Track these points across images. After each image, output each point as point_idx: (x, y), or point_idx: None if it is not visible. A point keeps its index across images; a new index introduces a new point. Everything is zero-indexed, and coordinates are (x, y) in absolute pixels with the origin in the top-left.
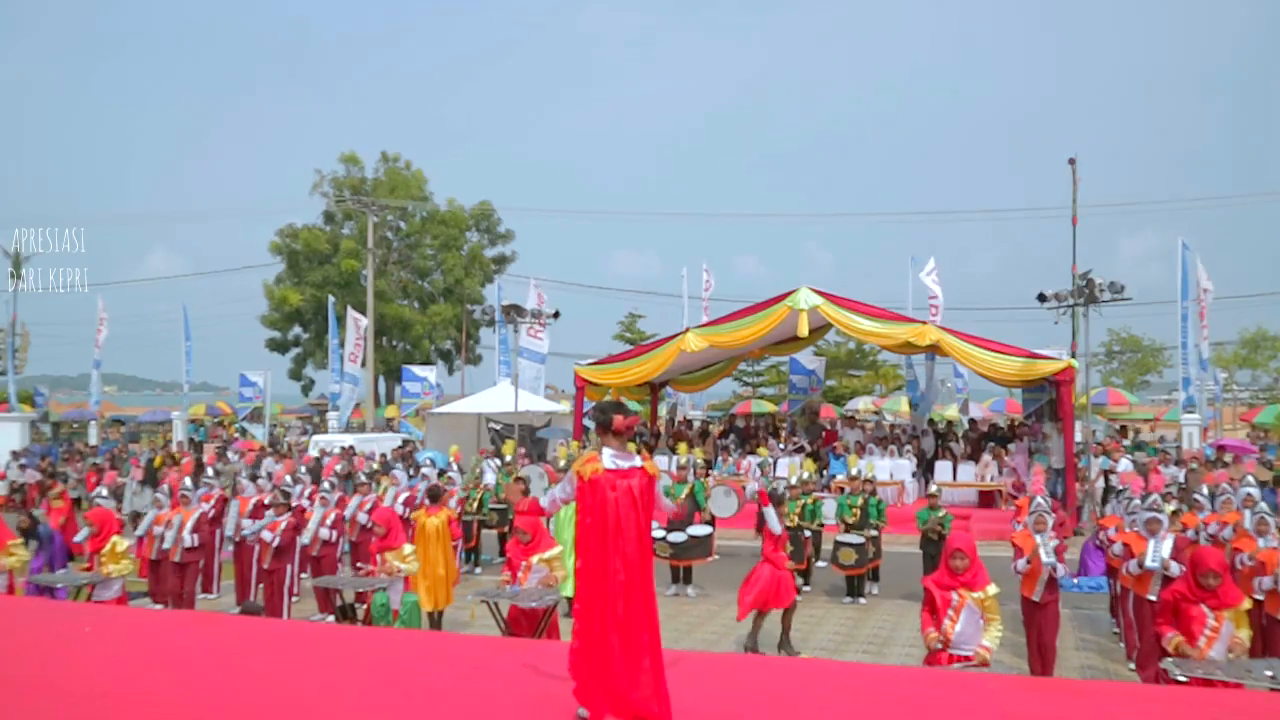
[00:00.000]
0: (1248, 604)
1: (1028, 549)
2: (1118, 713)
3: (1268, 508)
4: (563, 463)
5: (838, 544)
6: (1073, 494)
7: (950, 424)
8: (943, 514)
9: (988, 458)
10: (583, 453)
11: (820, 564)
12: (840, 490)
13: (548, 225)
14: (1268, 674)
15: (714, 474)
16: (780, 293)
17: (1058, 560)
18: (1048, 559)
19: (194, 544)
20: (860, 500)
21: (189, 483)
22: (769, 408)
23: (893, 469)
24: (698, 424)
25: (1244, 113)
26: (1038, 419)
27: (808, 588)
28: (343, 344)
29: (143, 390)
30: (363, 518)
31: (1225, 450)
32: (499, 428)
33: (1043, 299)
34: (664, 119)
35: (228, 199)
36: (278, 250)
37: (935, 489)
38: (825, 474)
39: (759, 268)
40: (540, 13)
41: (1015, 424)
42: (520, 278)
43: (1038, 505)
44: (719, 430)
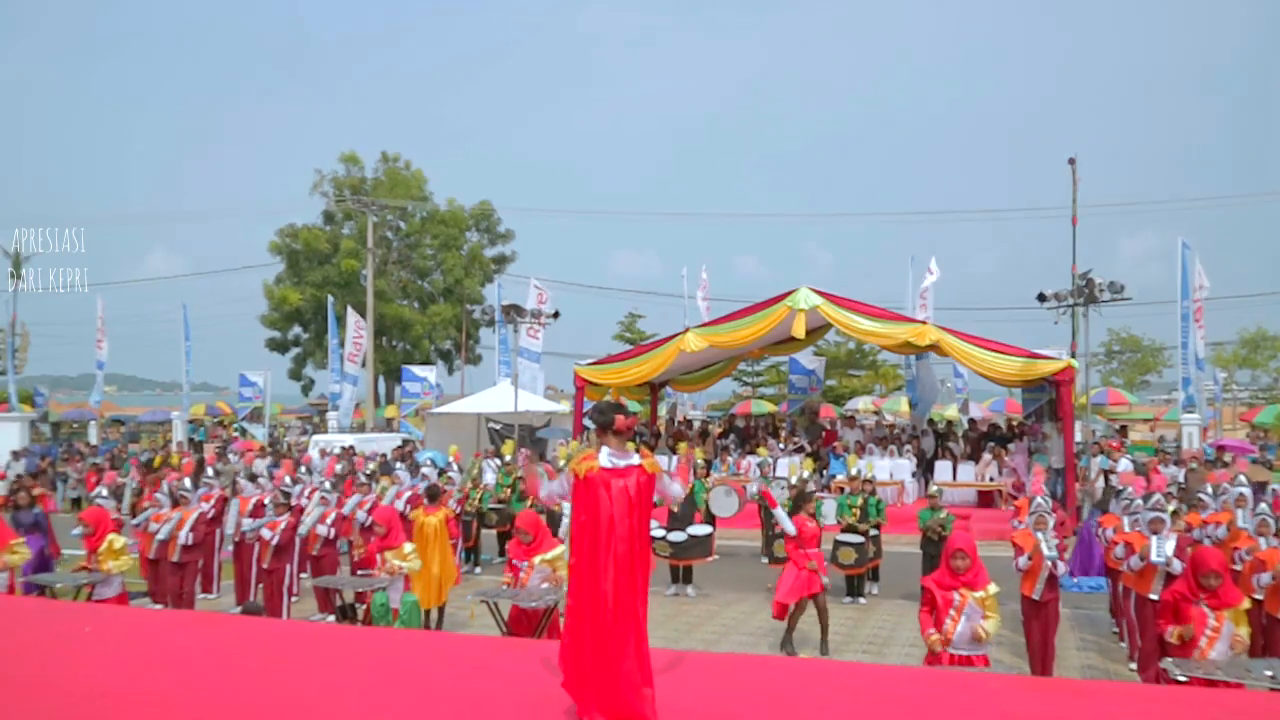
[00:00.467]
0: (1247, 603)
1: (1028, 547)
2: (1118, 712)
3: (1267, 508)
4: (562, 462)
5: (837, 543)
6: (1073, 494)
7: (950, 424)
8: (944, 515)
9: (987, 458)
10: (581, 451)
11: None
12: (840, 490)
13: (548, 225)
14: (1268, 674)
15: (714, 474)
16: (780, 293)
17: (1059, 557)
18: (1050, 553)
19: (191, 543)
20: (860, 500)
21: (188, 483)
22: (769, 408)
23: (892, 469)
24: (697, 424)
25: (1245, 112)
26: (1037, 419)
27: None
28: (342, 344)
29: (142, 390)
30: (362, 516)
31: (1225, 450)
32: (499, 428)
33: (1042, 299)
34: (665, 119)
35: (228, 199)
36: (277, 250)
37: (936, 489)
38: (825, 474)
39: (759, 268)
40: (540, 13)
41: (1015, 424)
42: (520, 278)
43: (1038, 505)
44: (719, 430)
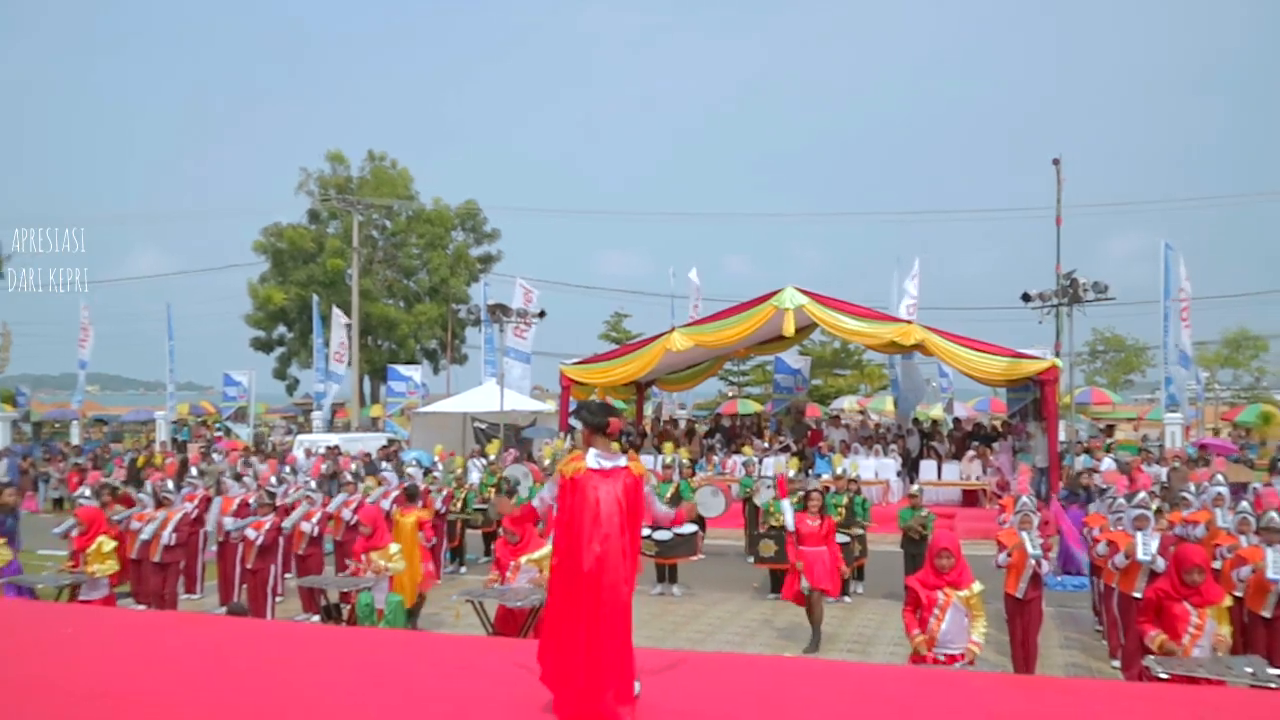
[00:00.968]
0: (1229, 601)
1: (1011, 545)
2: (1102, 711)
3: (1248, 507)
4: (548, 461)
5: None
6: (1057, 493)
7: (935, 423)
8: (925, 514)
9: (972, 455)
10: (569, 452)
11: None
12: (826, 489)
13: (536, 225)
14: (1248, 671)
15: (699, 474)
16: (766, 292)
17: (1043, 556)
18: (1034, 551)
19: (174, 543)
20: (845, 499)
21: (170, 484)
22: (755, 407)
23: (878, 468)
24: (683, 423)
25: (1239, 112)
26: (1022, 418)
27: None
28: (327, 343)
29: (126, 390)
30: (348, 514)
31: (1207, 449)
32: (484, 427)
33: (1027, 299)
34: (660, 119)
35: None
36: (262, 249)
37: (917, 489)
38: (810, 473)
39: (749, 267)
40: (539, 13)
41: (1000, 423)
42: (507, 277)
43: (1023, 504)
44: (705, 430)
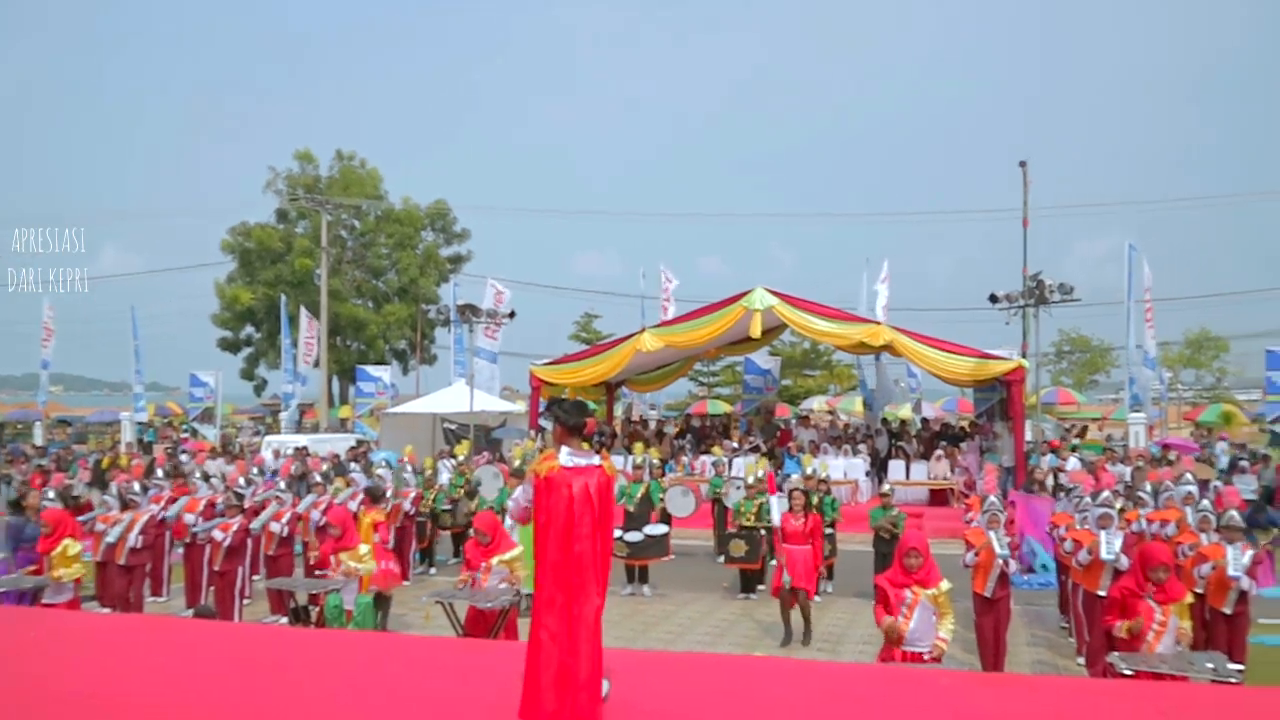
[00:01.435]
0: (1191, 598)
1: (979, 544)
2: (1068, 707)
3: (1209, 505)
4: (517, 462)
5: None
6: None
7: (903, 423)
8: (896, 513)
9: (940, 456)
10: (539, 452)
11: (774, 562)
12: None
13: (508, 225)
14: (1209, 666)
15: (669, 474)
16: (736, 293)
17: (1011, 555)
18: (1002, 551)
19: (140, 545)
20: (815, 499)
21: (137, 486)
22: (725, 407)
23: (847, 468)
24: (653, 424)
25: (1205, 117)
26: (989, 418)
27: (762, 586)
28: (295, 344)
29: (91, 390)
30: (316, 515)
31: (1170, 449)
32: (454, 428)
33: (994, 300)
34: (640, 122)
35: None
36: (230, 249)
37: (888, 488)
38: (780, 473)
39: (722, 268)
40: (520, 14)
41: (967, 423)
42: (477, 277)
43: (990, 504)
44: (675, 430)
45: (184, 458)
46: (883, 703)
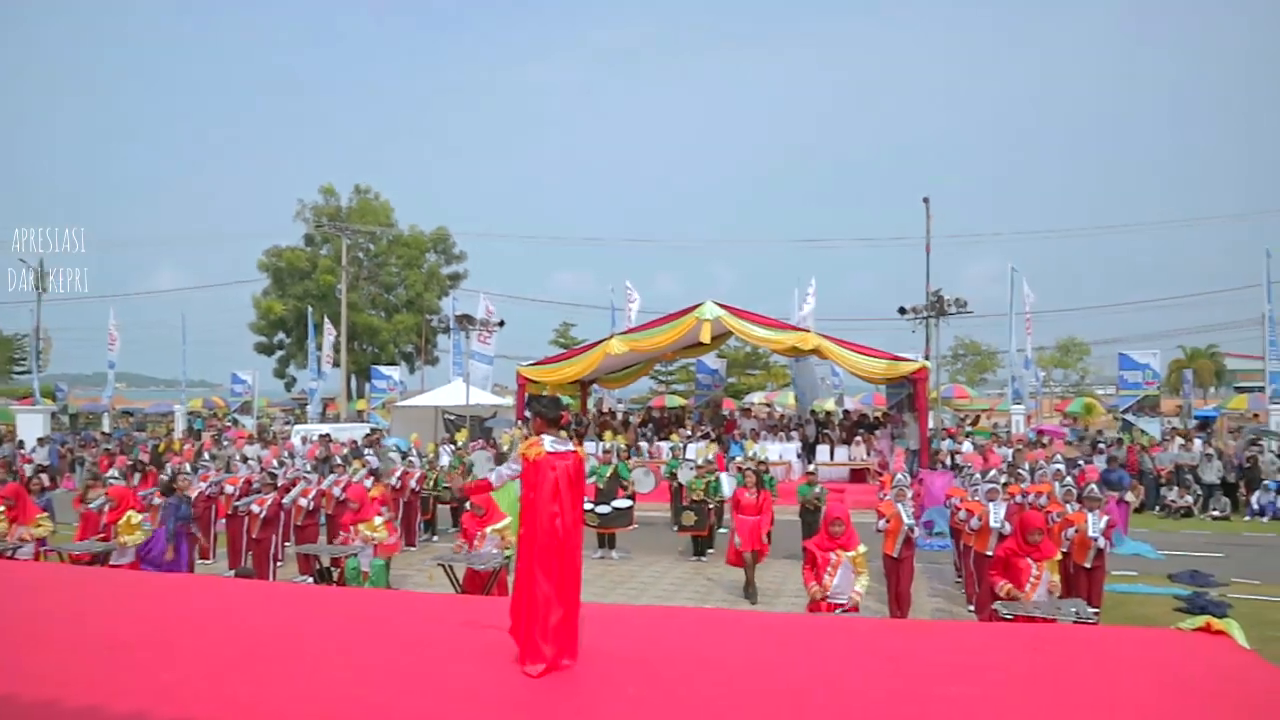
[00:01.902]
0: (1059, 555)
1: (889, 514)
2: (961, 645)
3: (1072, 481)
4: (507, 447)
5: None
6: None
7: (829, 414)
8: (819, 489)
9: (859, 441)
10: (528, 439)
11: (721, 530)
12: (739, 470)
13: (498, 248)
14: (1073, 611)
15: (634, 458)
16: (689, 305)
17: (914, 522)
18: (908, 520)
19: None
20: (768, 478)
21: (188, 467)
22: (680, 401)
23: (781, 451)
24: (620, 415)
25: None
26: (899, 410)
27: (711, 550)
28: (320, 347)
29: (148, 386)
30: (338, 492)
31: (1044, 434)
32: (453, 418)
33: (903, 312)
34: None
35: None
36: (265, 268)
37: (814, 468)
38: (727, 456)
39: (674, 286)
40: (491, 68)
41: (881, 414)
42: (472, 292)
43: (899, 480)
44: (639, 420)
45: (225, 443)
46: (812, 645)
